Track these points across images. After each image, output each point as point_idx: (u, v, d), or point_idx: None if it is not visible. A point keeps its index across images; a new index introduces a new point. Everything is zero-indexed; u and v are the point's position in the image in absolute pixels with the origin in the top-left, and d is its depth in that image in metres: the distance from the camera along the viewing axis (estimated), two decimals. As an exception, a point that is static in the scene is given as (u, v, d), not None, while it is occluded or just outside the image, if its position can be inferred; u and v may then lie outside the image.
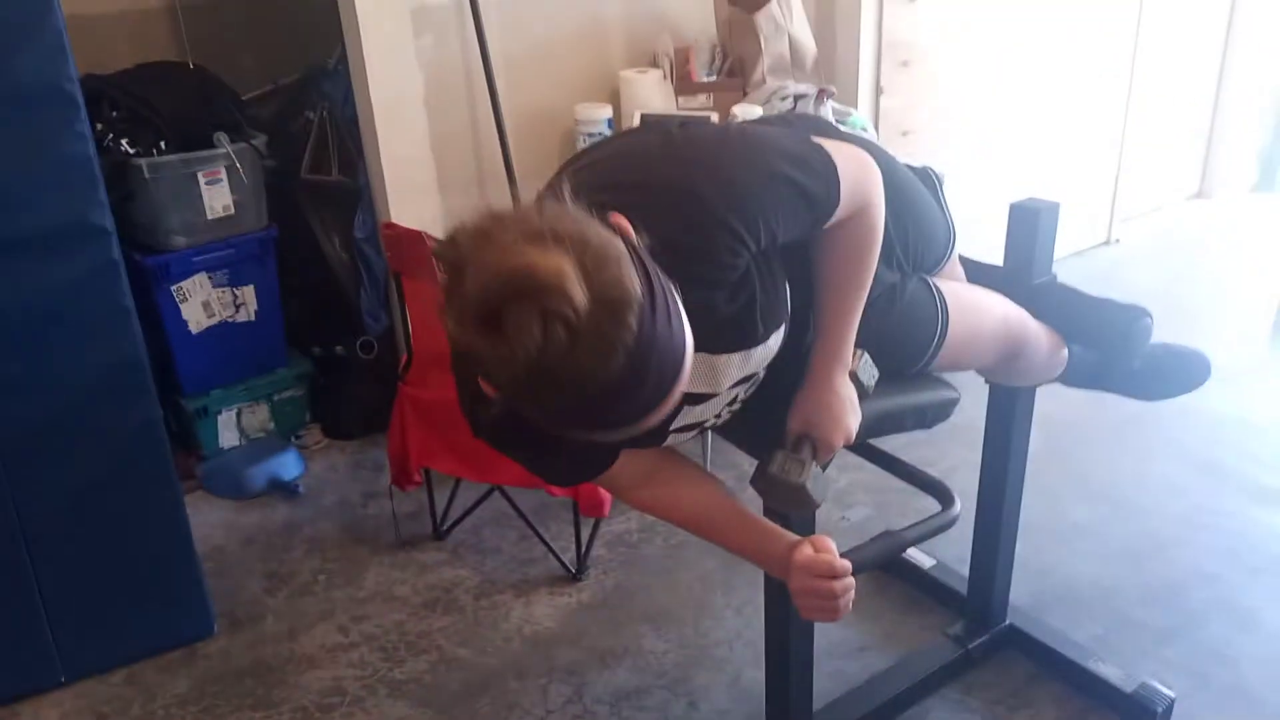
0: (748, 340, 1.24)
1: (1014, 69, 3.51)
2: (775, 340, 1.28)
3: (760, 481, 1.35)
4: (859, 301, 1.33)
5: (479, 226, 0.92)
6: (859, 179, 1.25)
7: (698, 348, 1.00)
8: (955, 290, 1.58)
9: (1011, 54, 3.48)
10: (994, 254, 1.82)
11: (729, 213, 1.11)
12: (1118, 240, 4.17)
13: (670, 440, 1.34)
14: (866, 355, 1.38)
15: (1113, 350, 1.80)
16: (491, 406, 0.90)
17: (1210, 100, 4.40)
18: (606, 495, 2.28)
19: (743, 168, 1.15)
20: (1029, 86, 3.58)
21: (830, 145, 1.24)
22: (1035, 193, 1.83)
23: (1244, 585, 2.31)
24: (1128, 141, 4.01)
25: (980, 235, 2.05)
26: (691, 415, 1.30)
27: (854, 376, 1.36)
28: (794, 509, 1.38)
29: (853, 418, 1.35)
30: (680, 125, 1.21)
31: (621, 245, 0.93)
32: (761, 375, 1.33)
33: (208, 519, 2.70)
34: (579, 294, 0.87)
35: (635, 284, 0.91)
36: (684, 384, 0.98)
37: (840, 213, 1.24)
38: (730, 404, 1.34)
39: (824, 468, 1.35)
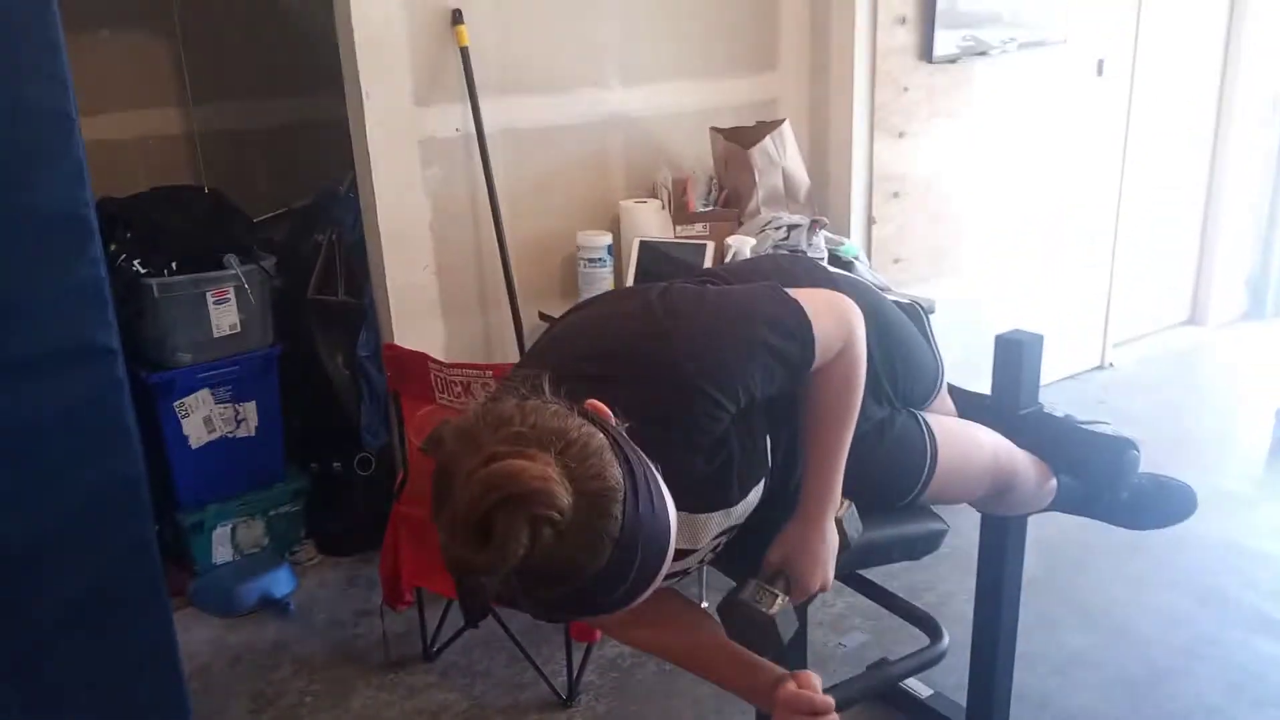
0: (725, 500, 1.26)
1: (1004, 198, 3.62)
2: (755, 495, 1.30)
3: (727, 608, 1.32)
4: (845, 438, 1.35)
5: (463, 428, 0.95)
6: (836, 326, 1.29)
7: (679, 507, 1.02)
8: (944, 424, 1.61)
9: (1001, 184, 3.59)
10: (987, 381, 1.85)
11: (707, 382, 1.15)
12: (1111, 364, 4.22)
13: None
14: (853, 507, 1.38)
15: (1100, 482, 1.81)
16: (485, 593, 0.92)
17: (1198, 227, 4.51)
18: (598, 620, 2.26)
19: (719, 337, 1.19)
20: (1019, 214, 3.68)
21: (806, 297, 1.28)
22: (1028, 317, 1.86)
23: (1248, 719, 2.26)
24: (1118, 266, 4.09)
25: (972, 362, 2.09)
26: (675, 566, 1.31)
27: (839, 524, 1.36)
28: (757, 643, 1.32)
29: (833, 564, 1.36)
30: (660, 294, 1.26)
31: (601, 436, 0.96)
32: (743, 522, 1.34)
33: (196, 636, 2.67)
34: (563, 495, 0.89)
35: (617, 473, 0.93)
36: (670, 561, 0.99)
37: (818, 362, 1.27)
38: (714, 549, 1.35)
39: (797, 610, 1.34)
